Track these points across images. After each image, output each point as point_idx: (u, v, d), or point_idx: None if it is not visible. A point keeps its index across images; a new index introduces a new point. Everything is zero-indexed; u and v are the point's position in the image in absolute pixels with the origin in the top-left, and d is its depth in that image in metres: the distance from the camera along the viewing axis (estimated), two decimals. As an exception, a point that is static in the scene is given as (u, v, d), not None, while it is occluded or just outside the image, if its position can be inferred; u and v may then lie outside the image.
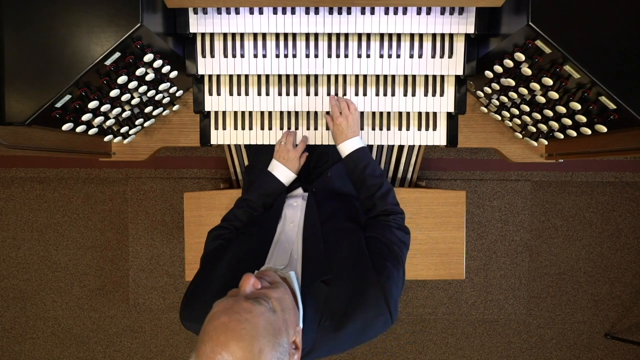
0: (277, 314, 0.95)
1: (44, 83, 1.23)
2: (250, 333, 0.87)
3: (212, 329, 0.88)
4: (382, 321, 1.12)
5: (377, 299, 1.12)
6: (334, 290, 1.13)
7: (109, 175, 2.77)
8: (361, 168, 1.50)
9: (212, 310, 0.93)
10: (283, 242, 1.31)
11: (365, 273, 1.16)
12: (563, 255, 2.85)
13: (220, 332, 0.87)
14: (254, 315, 0.90)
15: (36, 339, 2.91)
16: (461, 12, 1.50)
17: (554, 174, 2.78)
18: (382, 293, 1.12)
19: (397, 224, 1.38)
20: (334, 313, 1.10)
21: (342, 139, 1.56)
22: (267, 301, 0.95)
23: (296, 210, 1.43)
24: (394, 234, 1.32)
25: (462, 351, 2.92)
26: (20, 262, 2.85)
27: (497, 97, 1.54)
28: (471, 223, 2.78)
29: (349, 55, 1.59)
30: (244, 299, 0.93)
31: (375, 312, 1.11)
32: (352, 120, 1.56)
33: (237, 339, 0.86)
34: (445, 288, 2.83)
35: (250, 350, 0.86)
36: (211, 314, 0.92)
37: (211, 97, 1.67)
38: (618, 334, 2.89)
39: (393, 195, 1.47)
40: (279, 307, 0.97)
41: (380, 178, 1.48)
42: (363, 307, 1.11)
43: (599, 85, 1.20)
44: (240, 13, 1.51)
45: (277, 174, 1.57)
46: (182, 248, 2.74)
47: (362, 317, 1.10)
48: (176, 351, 2.90)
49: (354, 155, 1.53)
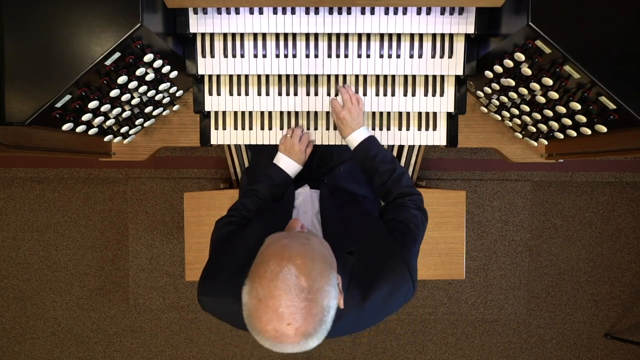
0: (325, 249, 0.99)
1: (44, 83, 1.23)
2: (312, 254, 0.91)
3: (274, 249, 0.91)
4: (405, 290, 1.16)
5: (400, 267, 1.16)
6: (359, 261, 1.16)
7: (109, 175, 2.77)
8: (371, 157, 1.50)
9: (266, 241, 0.97)
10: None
11: (387, 245, 1.20)
12: (563, 255, 2.85)
13: (284, 249, 0.90)
14: (311, 242, 0.94)
15: (36, 339, 2.91)
16: (461, 12, 1.50)
17: (554, 174, 2.78)
18: (405, 263, 1.17)
19: (415, 204, 1.39)
20: (360, 282, 1.13)
21: (348, 131, 1.56)
22: (317, 237, 1.00)
23: (306, 199, 1.45)
24: (411, 213, 1.34)
25: (462, 351, 2.92)
26: (20, 262, 2.84)
27: (497, 97, 1.54)
28: (471, 223, 2.78)
29: (349, 55, 1.59)
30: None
31: (400, 280, 1.15)
32: (355, 112, 1.57)
33: (302, 255, 0.89)
34: (445, 288, 2.83)
35: (313, 267, 0.88)
36: (267, 243, 0.96)
37: (211, 97, 1.67)
38: (618, 334, 2.89)
39: (407, 178, 1.47)
40: (325, 247, 1.01)
41: (392, 163, 1.48)
42: (388, 275, 1.14)
43: (599, 85, 1.20)
44: (240, 13, 1.51)
45: (283, 166, 1.57)
46: (182, 248, 2.74)
47: (387, 285, 1.14)
48: (176, 351, 2.90)
49: (363, 145, 1.53)
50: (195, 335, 2.89)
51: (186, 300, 2.82)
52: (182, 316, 2.86)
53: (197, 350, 2.91)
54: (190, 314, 2.84)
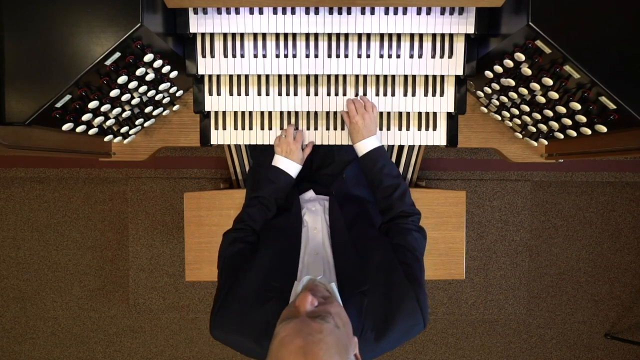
0: (340, 329, 0.95)
1: (44, 83, 1.23)
2: (327, 353, 0.87)
3: (288, 354, 0.87)
4: (417, 329, 1.18)
5: (413, 309, 1.16)
6: (371, 301, 1.16)
7: (109, 175, 2.77)
8: (378, 168, 1.49)
9: (279, 334, 0.92)
10: (311, 251, 1.31)
11: (399, 284, 1.20)
12: (563, 255, 2.85)
13: (300, 356, 0.86)
14: (325, 335, 0.89)
15: (36, 339, 2.91)
16: (461, 12, 1.50)
17: (554, 174, 2.78)
18: (418, 304, 1.17)
19: (415, 225, 1.40)
20: (373, 324, 1.13)
21: (359, 138, 1.55)
22: (330, 317, 0.95)
23: (317, 215, 1.42)
24: (414, 237, 1.35)
25: (462, 351, 2.92)
26: (20, 262, 2.85)
27: (497, 97, 1.54)
28: (471, 223, 2.78)
29: (349, 55, 1.59)
30: (311, 320, 0.92)
31: (413, 322, 1.16)
32: (368, 119, 1.56)
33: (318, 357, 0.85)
34: (445, 288, 2.83)
35: None
36: (280, 338, 0.91)
37: (211, 97, 1.67)
38: (618, 334, 2.89)
39: (409, 196, 1.48)
40: (340, 322, 0.97)
41: (397, 179, 1.48)
42: (401, 319, 1.15)
43: (599, 85, 1.20)
44: (240, 13, 1.51)
45: (282, 167, 1.57)
46: (182, 248, 2.74)
47: (400, 328, 1.14)
48: (176, 351, 2.90)
49: (371, 154, 1.53)
50: (195, 335, 2.89)
51: (186, 300, 2.82)
52: (182, 316, 2.86)
53: (197, 350, 2.91)
54: (190, 314, 2.84)
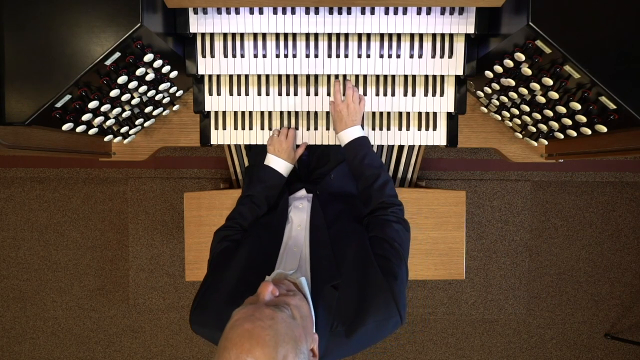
0: (296, 321, 0.95)
1: (44, 83, 1.23)
2: (274, 339, 0.86)
3: (236, 336, 0.87)
4: (393, 323, 1.13)
5: (387, 302, 1.12)
6: (344, 295, 1.13)
7: (109, 175, 2.77)
8: (360, 158, 1.48)
9: (233, 317, 0.92)
10: (291, 246, 1.30)
11: (374, 277, 1.16)
12: (563, 255, 2.85)
13: (245, 339, 0.86)
14: (276, 322, 0.89)
15: (36, 339, 2.91)
16: (461, 12, 1.50)
17: (554, 174, 2.78)
18: (392, 296, 1.13)
19: (396, 216, 1.36)
20: (345, 318, 1.10)
21: (342, 127, 1.55)
22: (287, 308, 0.95)
23: (302, 212, 1.42)
24: (394, 228, 1.31)
25: (462, 351, 2.92)
26: (20, 262, 2.84)
27: (497, 97, 1.54)
28: (471, 223, 2.78)
29: (349, 55, 1.59)
30: (265, 306, 0.93)
31: (386, 315, 1.12)
32: (352, 109, 1.55)
33: (262, 345, 0.85)
34: (445, 288, 2.83)
35: (274, 356, 0.85)
36: (232, 321, 0.91)
37: (211, 97, 1.67)
38: (618, 334, 2.89)
39: (391, 187, 1.45)
40: (298, 314, 0.97)
41: (379, 169, 1.46)
42: (374, 311, 1.11)
43: (599, 85, 1.20)
44: (240, 13, 1.51)
45: (274, 166, 1.57)
46: (182, 248, 2.74)
47: (373, 321, 1.10)
48: (176, 351, 2.90)
49: (353, 144, 1.52)
50: (195, 335, 2.89)
51: (186, 300, 2.82)
52: (182, 316, 2.86)
53: (197, 350, 2.91)
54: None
